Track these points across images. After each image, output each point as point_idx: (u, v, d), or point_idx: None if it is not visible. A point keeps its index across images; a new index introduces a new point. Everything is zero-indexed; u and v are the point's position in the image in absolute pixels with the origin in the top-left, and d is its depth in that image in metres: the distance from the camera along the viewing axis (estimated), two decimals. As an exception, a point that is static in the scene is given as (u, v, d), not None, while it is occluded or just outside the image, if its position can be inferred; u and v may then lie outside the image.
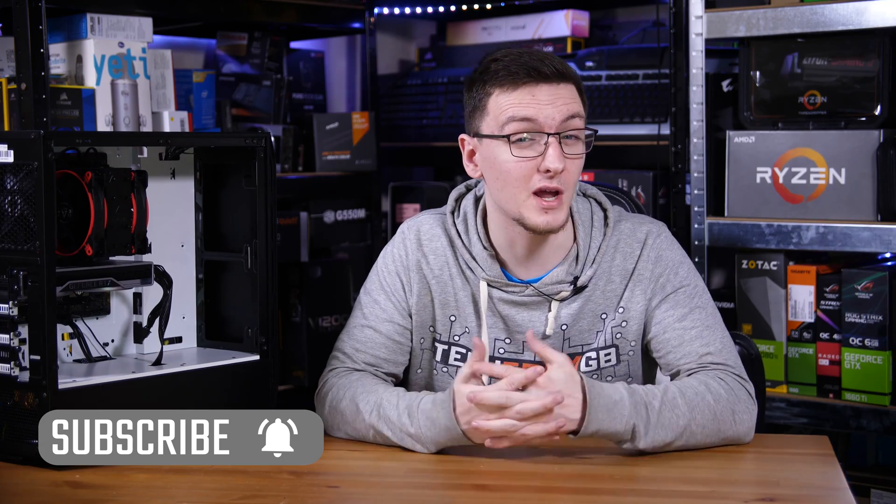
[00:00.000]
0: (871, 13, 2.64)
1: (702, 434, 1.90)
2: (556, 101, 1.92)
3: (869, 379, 2.71)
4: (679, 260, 2.06)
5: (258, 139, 2.07)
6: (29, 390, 1.83)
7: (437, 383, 2.11)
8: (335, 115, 3.22)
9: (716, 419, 1.91)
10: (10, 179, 1.86)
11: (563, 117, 1.92)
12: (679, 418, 1.88)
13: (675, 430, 1.88)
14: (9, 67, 2.56)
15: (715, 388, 1.93)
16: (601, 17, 3.54)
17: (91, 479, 1.80)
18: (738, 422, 1.93)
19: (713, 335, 2.01)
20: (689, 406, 1.89)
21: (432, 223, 2.10)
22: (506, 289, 2.03)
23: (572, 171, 1.94)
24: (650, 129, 3.05)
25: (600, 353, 2.04)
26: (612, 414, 1.84)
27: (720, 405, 1.91)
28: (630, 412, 1.85)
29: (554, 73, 1.92)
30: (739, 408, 1.93)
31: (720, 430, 1.91)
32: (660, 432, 1.87)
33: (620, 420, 1.85)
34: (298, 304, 3.05)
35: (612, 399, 1.85)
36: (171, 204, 2.14)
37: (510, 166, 1.93)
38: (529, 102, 1.92)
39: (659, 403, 1.88)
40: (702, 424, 1.89)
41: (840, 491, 1.71)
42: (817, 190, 2.76)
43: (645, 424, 1.86)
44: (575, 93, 1.96)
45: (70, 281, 1.92)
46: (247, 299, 2.11)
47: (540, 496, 1.74)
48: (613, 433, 1.85)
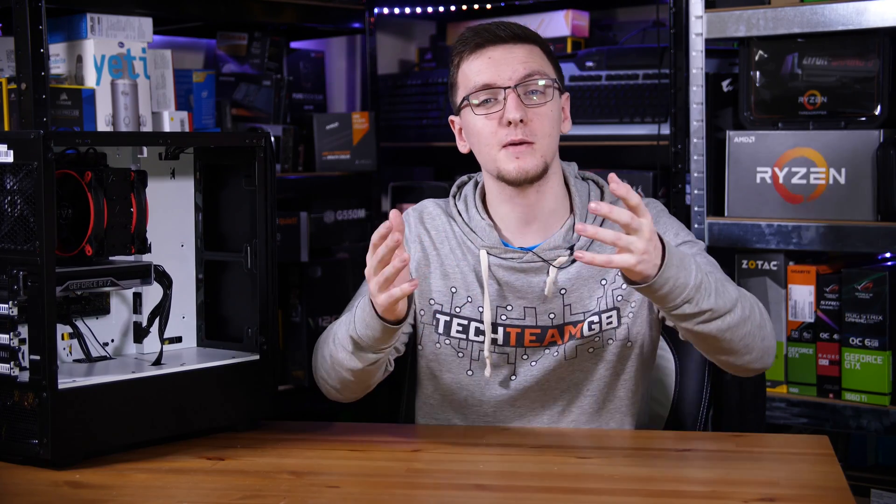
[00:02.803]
0: (871, 13, 2.64)
1: (749, 319, 1.92)
2: (511, 61, 2.04)
3: (869, 379, 2.71)
4: (677, 225, 2.12)
5: (258, 139, 2.07)
6: (29, 390, 1.84)
7: (441, 357, 2.13)
8: (335, 115, 3.22)
9: (756, 311, 1.95)
10: (10, 179, 1.86)
11: (519, 74, 2.03)
12: (730, 293, 1.91)
13: (730, 300, 1.90)
14: (9, 67, 2.56)
15: (743, 291, 1.97)
16: (601, 17, 3.54)
17: (91, 479, 1.81)
18: (769, 328, 1.97)
19: (718, 273, 2.02)
20: (737, 289, 1.94)
21: (434, 205, 2.20)
22: (504, 255, 2.08)
23: (538, 121, 2.04)
24: (650, 129, 3.05)
25: (602, 315, 2.06)
26: (684, 266, 1.85)
27: (755, 299, 1.97)
28: (698, 270, 1.87)
29: (510, 36, 2.06)
30: (759, 308, 1.98)
31: (761, 324, 1.95)
32: (719, 298, 1.88)
33: (690, 274, 1.85)
34: (298, 304, 3.05)
35: (681, 254, 1.87)
36: (171, 204, 2.14)
37: (479, 126, 2.06)
38: (487, 66, 2.05)
39: (711, 278, 1.90)
40: (748, 307, 1.93)
41: (840, 491, 1.71)
42: (817, 190, 2.76)
43: (708, 285, 1.87)
44: (536, 53, 2.07)
45: (70, 281, 1.92)
46: (247, 299, 2.11)
47: (540, 496, 1.74)
48: (683, 285, 1.84)
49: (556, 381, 2.09)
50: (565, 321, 2.07)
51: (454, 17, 3.69)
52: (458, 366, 2.12)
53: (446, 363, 2.13)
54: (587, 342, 2.07)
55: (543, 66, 2.06)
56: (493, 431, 2.09)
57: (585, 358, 2.08)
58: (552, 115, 2.05)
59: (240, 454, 1.94)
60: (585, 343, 2.07)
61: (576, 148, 3.15)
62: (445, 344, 2.12)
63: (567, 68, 3.16)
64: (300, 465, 1.90)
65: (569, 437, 2.04)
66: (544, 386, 2.09)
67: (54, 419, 1.82)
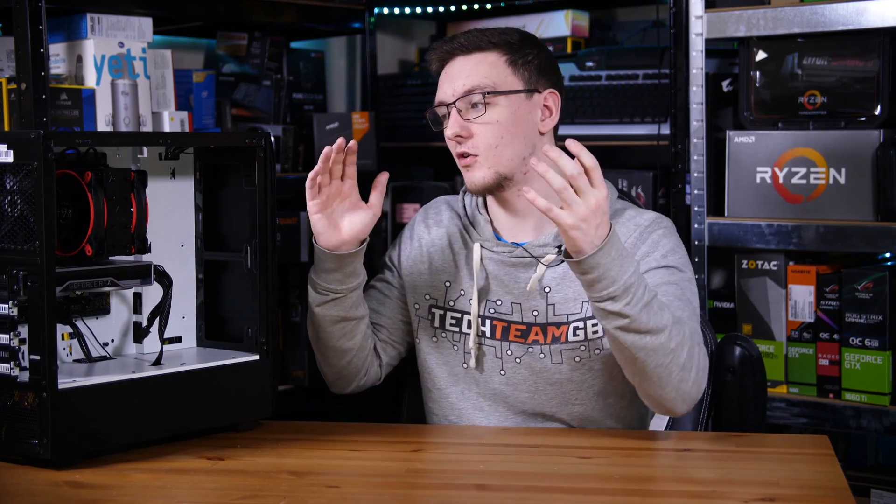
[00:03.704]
0: (871, 13, 2.64)
1: (672, 352, 1.89)
2: (458, 76, 2.10)
3: (869, 379, 2.71)
4: (672, 248, 2.08)
5: (258, 139, 2.07)
6: (29, 390, 1.83)
7: (437, 350, 2.16)
8: (335, 115, 3.22)
9: (685, 349, 1.91)
10: (10, 179, 1.86)
11: (459, 91, 2.08)
12: (663, 319, 1.89)
13: (657, 323, 1.87)
14: (9, 67, 2.56)
15: (687, 332, 1.94)
16: (601, 17, 3.54)
17: (91, 479, 1.81)
18: (695, 374, 1.93)
19: (683, 309, 2.00)
20: (674, 320, 1.91)
21: (442, 201, 2.28)
22: (495, 249, 2.12)
23: (481, 133, 2.07)
24: (650, 129, 3.05)
25: (587, 322, 2.06)
26: (621, 261, 1.85)
27: (692, 342, 1.93)
28: (634, 274, 1.86)
29: (460, 48, 2.11)
30: (702, 364, 1.94)
31: (683, 367, 1.91)
32: (644, 314, 1.86)
33: (624, 272, 1.84)
34: (298, 304, 3.05)
35: (625, 252, 1.87)
36: (170, 204, 2.14)
37: (446, 141, 2.14)
38: (442, 82, 2.13)
39: (653, 294, 1.89)
40: (676, 342, 1.90)
41: (840, 491, 1.71)
42: (817, 190, 2.76)
43: (639, 295, 1.86)
44: (488, 62, 2.10)
45: (70, 281, 1.92)
46: (247, 299, 2.11)
47: (540, 496, 1.74)
48: (611, 279, 1.84)
49: (544, 384, 2.09)
50: (548, 321, 2.08)
51: (454, 17, 3.69)
52: (454, 358, 2.14)
53: (442, 356, 2.15)
54: (573, 349, 2.07)
55: (492, 75, 2.08)
56: (493, 431, 2.10)
57: (573, 367, 2.08)
58: (498, 125, 2.07)
59: (240, 454, 1.94)
60: (571, 350, 2.07)
61: (576, 148, 3.15)
62: (442, 337, 2.15)
63: (567, 68, 3.16)
64: (300, 465, 1.90)
65: (569, 437, 2.04)
66: (533, 388, 2.09)
67: (54, 419, 1.82)
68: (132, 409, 1.92)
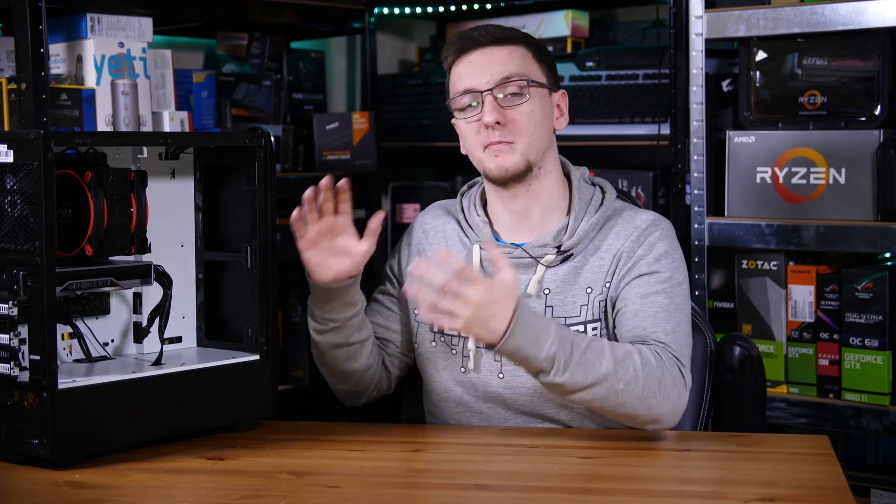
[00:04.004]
0: (871, 13, 2.64)
1: (623, 391, 1.91)
2: (490, 64, 2.07)
3: (869, 379, 2.71)
4: (666, 251, 2.09)
5: (258, 139, 2.07)
6: (29, 390, 1.83)
7: (436, 354, 2.16)
8: (335, 115, 3.22)
9: (639, 381, 1.92)
10: (10, 179, 1.86)
11: (496, 78, 2.06)
12: (602, 366, 1.90)
13: (596, 375, 1.89)
14: (9, 67, 2.55)
15: (646, 355, 1.95)
16: (601, 17, 3.54)
17: (91, 479, 1.81)
18: (663, 394, 1.93)
19: (668, 320, 2.02)
20: (616, 359, 1.92)
21: (438, 207, 2.27)
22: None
23: (520, 120, 2.06)
24: (650, 129, 3.05)
25: (588, 326, 2.07)
26: (536, 337, 1.87)
27: (647, 370, 1.93)
28: (554, 342, 1.88)
29: (490, 39, 2.09)
30: (667, 381, 1.94)
31: (644, 396, 1.92)
32: (579, 372, 1.89)
33: (542, 346, 1.87)
34: (298, 304, 3.05)
35: (540, 325, 1.89)
36: (170, 204, 2.14)
37: (464, 130, 2.12)
38: (468, 70, 2.09)
39: (585, 346, 1.91)
40: (624, 380, 1.91)
41: (840, 491, 1.71)
42: (817, 190, 2.76)
43: (566, 359, 1.88)
44: (518, 54, 2.09)
45: (70, 281, 1.92)
46: (247, 299, 2.11)
47: (540, 496, 1.74)
48: (532, 357, 1.87)
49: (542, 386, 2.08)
50: None
51: (454, 17, 3.69)
52: (453, 363, 2.13)
53: (441, 361, 2.15)
54: None
55: (524, 66, 2.09)
56: (493, 431, 2.10)
57: None
58: (533, 114, 2.07)
59: (240, 454, 1.94)
60: None
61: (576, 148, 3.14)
62: (441, 341, 2.14)
63: (567, 68, 3.16)
64: (300, 465, 1.90)
65: (569, 437, 2.04)
66: (532, 390, 2.09)
67: (54, 419, 1.82)
68: (132, 409, 1.92)
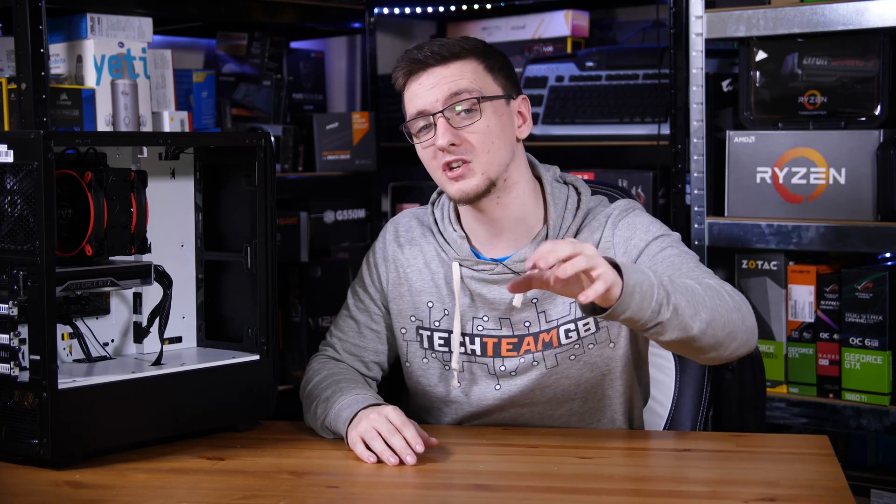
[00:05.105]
0: (871, 13, 2.64)
1: (720, 307, 1.85)
2: (437, 84, 2.02)
3: (869, 379, 2.71)
4: (650, 222, 2.06)
5: (258, 139, 2.07)
6: (29, 390, 1.84)
7: (428, 370, 2.13)
8: (335, 115, 3.22)
9: (723, 296, 1.87)
10: (10, 179, 1.86)
11: (444, 97, 2.01)
12: (693, 290, 1.84)
13: (696, 300, 1.82)
14: (9, 67, 2.56)
15: (701, 280, 1.90)
16: (601, 17, 3.54)
17: (91, 479, 1.81)
18: (742, 301, 1.90)
19: (686, 263, 1.98)
20: (695, 286, 1.86)
21: (410, 217, 2.20)
22: (476, 267, 2.08)
23: (475, 139, 2.01)
24: (650, 129, 3.05)
25: (578, 323, 2.05)
26: (641, 272, 1.79)
27: (715, 290, 1.88)
28: (653, 274, 1.80)
29: (436, 59, 2.03)
30: (730, 290, 1.90)
31: (737, 307, 1.87)
32: (682, 298, 1.81)
33: (649, 274, 1.79)
34: (298, 304, 3.05)
35: (637, 267, 1.82)
36: (170, 204, 2.14)
37: (422, 154, 2.07)
38: (417, 93, 2.04)
39: (668, 278, 1.84)
40: (719, 305, 1.85)
41: (840, 491, 1.71)
42: (817, 190, 2.76)
43: (667, 287, 1.80)
44: (469, 69, 2.03)
45: (70, 281, 1.92)
46: (247, 299, 2.11)
47: (540, 496, 1.74)
48: (648, 287, 1.77)
49: (541, 389, 2.08)
50: (541, 329, 2.06)
51: (454, 17, 3.69)
52: (446, 379, 2.11)
53: (434, 377, 2.12)
54: (567, 350, 2.06)
55: (476, 81, 2.02)
56: (493, 431, 2.09)
57: (568, 365, 2.07)
58: (489, 130, 2.01)
59: (240, 454, 1.94)
60: (566, 351, 2.06)
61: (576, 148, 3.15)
62: (432, 358, 2.12)
63: (567, 68, 3.16)
64: (300, 465, 1.90)
65: (569, 437, 2.04)
66: (530, 396, 2.08)
67: (54, 419, 1.82)
68: (132, 409, 1.92)
